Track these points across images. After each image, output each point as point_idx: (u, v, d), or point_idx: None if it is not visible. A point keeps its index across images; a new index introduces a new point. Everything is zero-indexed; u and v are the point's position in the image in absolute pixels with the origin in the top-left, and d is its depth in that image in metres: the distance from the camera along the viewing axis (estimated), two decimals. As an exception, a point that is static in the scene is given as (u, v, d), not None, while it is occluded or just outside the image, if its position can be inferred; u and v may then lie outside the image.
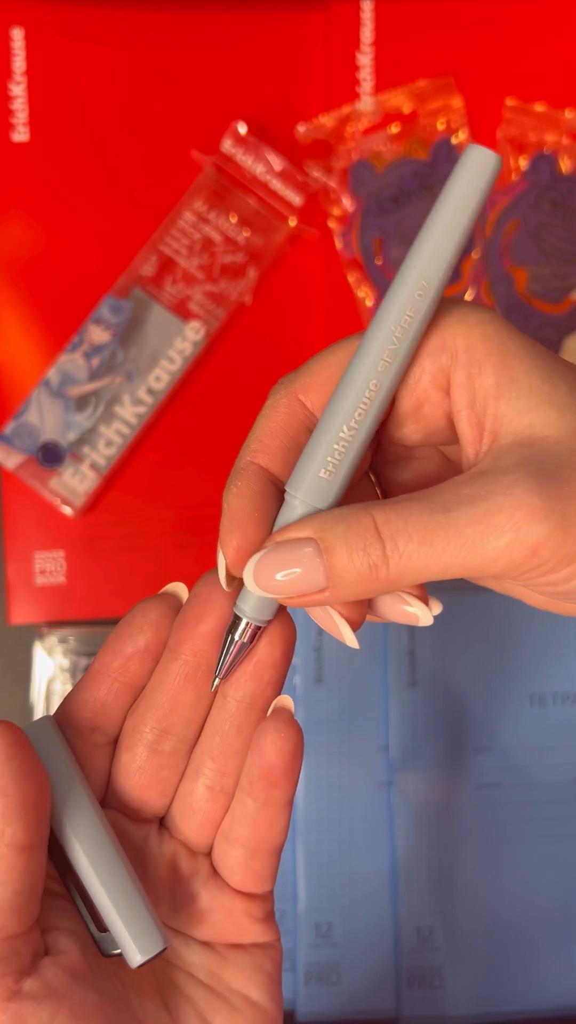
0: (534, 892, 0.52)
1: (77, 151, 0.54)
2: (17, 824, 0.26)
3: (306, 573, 0.25)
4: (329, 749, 0.52)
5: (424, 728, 0.52)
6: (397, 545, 0.24)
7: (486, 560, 0.24)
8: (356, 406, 0.26)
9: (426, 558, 0.24)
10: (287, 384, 0.28)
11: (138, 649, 0.30)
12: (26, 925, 0.26)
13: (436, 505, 0.24)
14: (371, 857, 0.51)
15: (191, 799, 0.30)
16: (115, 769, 0.30)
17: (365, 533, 0.25)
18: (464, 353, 0.26)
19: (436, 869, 0.51)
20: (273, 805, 0.29)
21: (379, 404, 0.26)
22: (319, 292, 0.55)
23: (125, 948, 0.28)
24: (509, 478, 0.24)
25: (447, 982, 0.50)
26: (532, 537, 0.24)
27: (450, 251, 0.26)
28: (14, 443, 0.53)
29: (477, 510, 0.24)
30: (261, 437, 0.28)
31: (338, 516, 0.25)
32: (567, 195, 0.54)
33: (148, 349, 0.53)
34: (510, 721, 0.53)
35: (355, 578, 0.25)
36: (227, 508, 0.27)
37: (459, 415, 0.27)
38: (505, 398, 0.25)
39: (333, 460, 0.26)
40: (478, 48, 0.54)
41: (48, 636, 0.54)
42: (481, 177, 0.26)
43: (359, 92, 0.54)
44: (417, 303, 0.26)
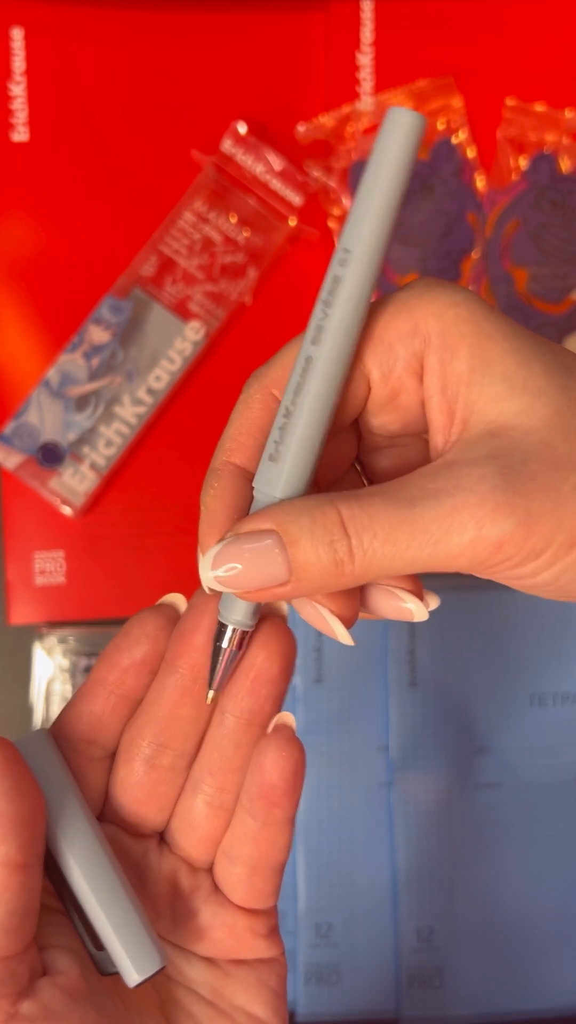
0: (534, 892, 0.51)
1: (77, 151, 0.54)
2: (11, 842, 0.25)
3: (266, 566, 0.24)
4: (329, 749, 0.52)
5: (424, 728, 0.52)
6: (363, 541, 0.24)
7: (450, 556, 0.24)
8: (293, 385, 0.25)
9: (391, 554, 0.24)
10: (259, 378, 0.27)
11: (135, 661, 0.29)
12: (22, 945, 0.26)
13: (401, 500, 0.24)
14: (371, 857, 0.51)
15: (190, 815, 0.30)
16: (112, 783, 0.30)
17: (331, 527, 0.24)
18: (437, 337, 0.25)
19: (436, 869, 0.51)
20: (274, 824, 0.29)
21: (318, 381, 0.25)
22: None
23: (122, 967, 0.27)
24: (476, 472, 0.24)
25: (447, 982, 0.50)
26: (496, 534, 0.23)
27: (371, 216, 0.24)
28: (14, 443, 0.53)
29: (442, 506, 0.23)
30: (235, 435, 0.27)
31: (302, 507, 0.24)
32: (567, 195, 0.54)
33: (148, 349, 0.53)
34: (510, 721, 0.53)
35: (319, 572, 0.24)
36: (204, 511, 0.26)
37: (430, 401, 0.26)
38: (477, 384, 0.24)
39: (275, 441, 0.25)
40: (478, 48, 0.54)
41: (48, 636, 0.54)
42: (396, 139, 0.23)
43: (359, 92, 0.54)
44: (342, 271, 0.24)
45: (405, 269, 0.54)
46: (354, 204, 0.24)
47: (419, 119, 0.23)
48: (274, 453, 0.25)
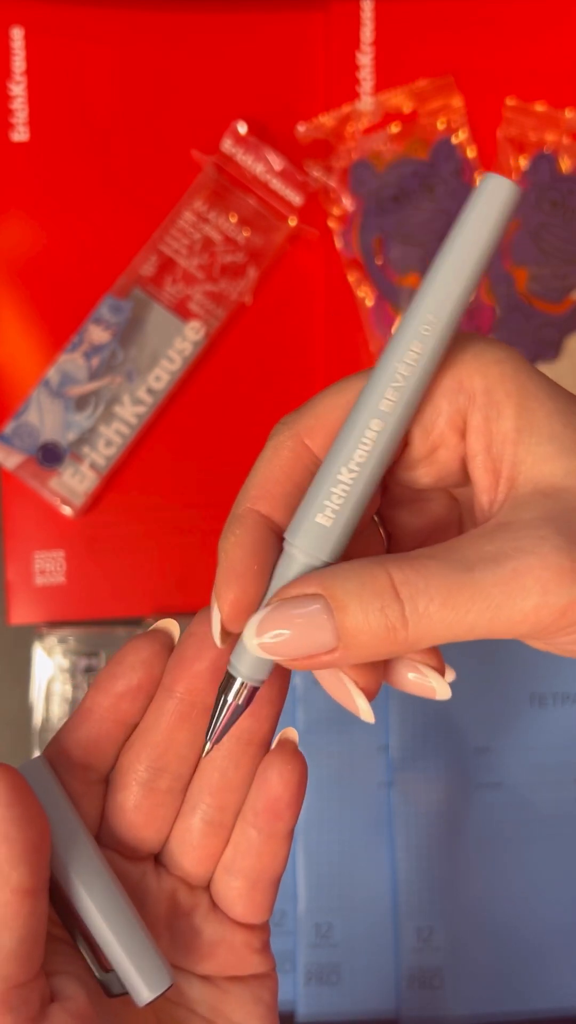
0: (534, 892, 0.51)
1: (77, 151, 0.54)
2: (21, 868, 0.25)
3: (314, 632, 0.24)
4: (329, 749, 0.52)
5: (424, 728, 0.52)
6: (417, 606, 0.23)
7: (513, 622, 0.23)
8: (356, 446, 0.24)
9: (449, 620, 0.23)
10: (290, 425, 0.26)
11: (130, 687, 0.29)
12: (33, 971, 0.26)
13: (457, 563, 0.23)
14: (371, 857, 0.51)
15: (189, 835, 0.30)
16: (109, 808, 0.30)
17: (382, 592, 0.23)
18: (482, 394, 0.24)
19: (436, 869, 0.51)
20: (276, 837, 0.29)
21: (384, 445, 0.24)
22: (319, 292, 0.55)
23: (132, 986, 0.28)
24: (535, 535, 0.23)
25: (447, 982, 0.50)
26: (562, 600, 0.22)
27: (460, 284, 0.24)
28: (14, 443, 0.53)
29: (503, 570, 0.23)
30: (261, 483, 0.26)
31: (349, 571, 0.24)
32: (567, 195, 0.54)
33: (148, 349, 0.53)
34: (510, 721, 0.53)
35: (370, 639, 0.23)
36: (224, 558, 0.25)
37: (474, 460, 0.25)
38: (524, 443, 0.24)
39: (332, 505, 0.24)
40: (478, 48, 0.54)
41: (48, 636, 0.54)
42: (495, 207, 0.24)
43: (359, 92, 0.54)
44: (425, 338, 0.24)
45: (405, 269, 0.54)
46: (441, 267, 0.24)
47: (515, 189, 0.24)
48: (327, 516, 0.24)
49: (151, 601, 0.54)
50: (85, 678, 0.54)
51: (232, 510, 0.26)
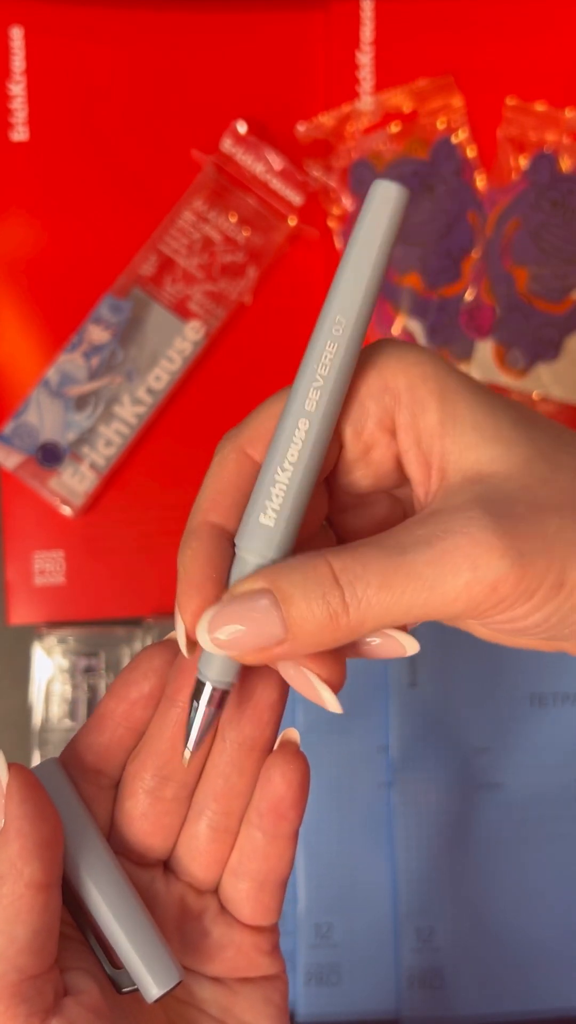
0: (534, 892, 0.51)
1: (76, 150, 0.54)
2: (35, 863, 0.26)
3: (262, 625, 0.25)
4: (329, 750, 0.52)
5: (424, 728, 0.52)
6: (356, 591, 0.24)
7: (446, 600, 0.24)
8: (288, 446, 0.26)
9: (386, 602, 0.24)
10: (232, 439, 0.28)
11: (143, 695, 0.30)
12: (47, 964, 0.27)
13: (392, 548, 0.24)
14: (371, 858, 0.51)
15: (196, 841, 0.30)
16: (118, 815, 0.30)
17: (323, 580, 0.24)
18: (406, 392, 0.26)
19: (436, 869, 0.51)
20: (282, 837, 0.30)
21: (313, 442, 0.26)
22: (319, 292, 0.55)
23: (142, 982, 0.28)
24: (464, 516, 0.24)
25: (448, 982, 0.50)
26: (492, 575, 0.23)
27: (363, 285, 0.26)
28: (14, 443, 0.53)
29: (434, 550, 0.24)
30: (211, 495, 0.27)
31: (293, 565, 0.25)
32: (567, 194, 0.54)
33: (148, 349, 0.53)
34: (510, 721, 0.52)
35: (315, 627, 0.24)
36: (183, 571, 0.26)
37: (406, 455, 0.27)
38: (450, 435, 0.25)
39: (272, 504, 0.26)
40: (478, 48, 0.54)
41: (47, 636, 0.54)
42: (385, 211, 0.26)
43: (359, 91, 0.54)
44: (337, 338, 0.26)
45: (405, 268, 0.54)
46: (342, 273, 0.26)
47: (402, 192, 0.26)
48: (269, 514, 0.26)
49: (151, 601, 0.54)
50: (85, 678, 0.54)
51: (187, 525, 0.27)
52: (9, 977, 0.26)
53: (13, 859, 0.26)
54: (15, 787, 0.26)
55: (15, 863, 0.26)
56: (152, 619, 0.54)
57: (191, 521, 0.27)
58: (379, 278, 0.26)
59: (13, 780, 0.26)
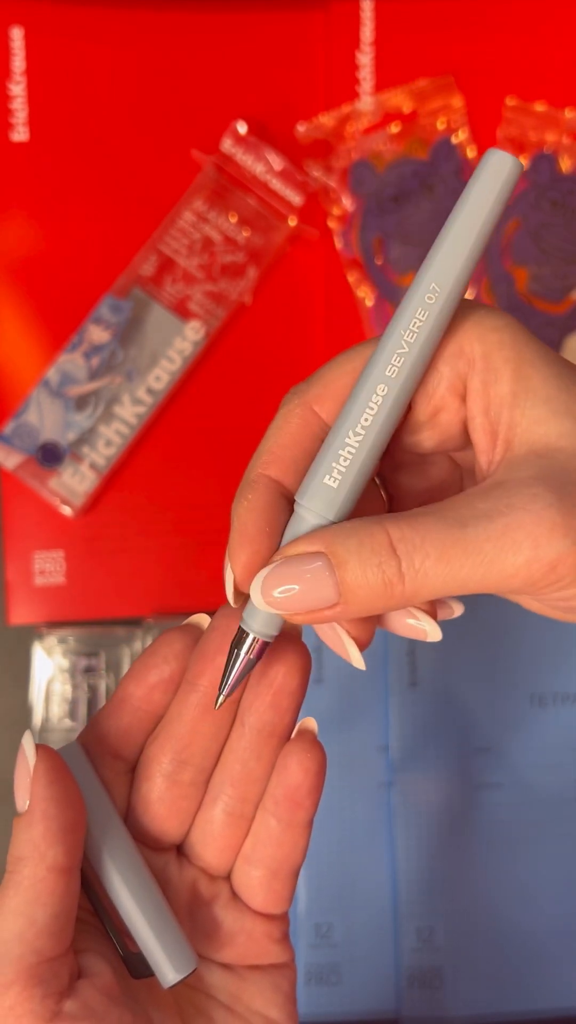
0: (534, 892, 0.51)
1: (77, 151, 0.54)
2: (58, 847, 0.26)
3: (316, 588, 0.24)
4: (329, 749, 0.51)
5: (424, 728, 0.52)
6: (413, 562, 0.24)
7: (504, 576, 0.24)
8: (363, 411, 0.25)
9: (443, 575, 0.24)
10: (299, 394, 0.27)
11: (163, 679, 0.30)
12: (64, 947, 0.27)
13: (452, 520, 0.24)
14: (371, 857, 0.51)
15: (211, 826, 0.30)
16: (134, 799, 0.30)
17: (380, 549, 0.24)
18: (481, 359, 0.25)
19: (436, 869, 0.51)
20: (296, 826, 0.30)
21: (388, 410, 0.25)
22: (319, 292, 0.55)
23: (160, 967, 0.28)
24: (528, 492, 0.24)
25: (448, 982, 0.50)
26: (552, 553, 0.23)
27: (463, 255, 0.25)
28: (14, 443, 0.53)
29: (495, 526, 0.23)
30: (272, 448, 0.27)
31: (350, 529, 0.25)
32: (567, 195, 0.54)
33: (148, 349, 0.53)
34: (510, 721, 0.52)
35: (368, 594, 0.24)
36: (236, 522, 0.26)
37: (473, 422, 0.26)
38: (520, 407, 0.25)
39: (339, 467, 0.25)
40: (478, 48, 0.54)
41: (47, 636, 0.54)
42: (497, 181, 0.25)
43: (359, 91, 0.54)
44: (429, 307, 0.25)
45: (405, 268, 0.54)
46: (445, 239, 0.25)
47: (516, 164, 0.25)
48: (335, 477, 0.25)
49: (151, 601, 0.54)
50: (85, 678, 0.54)
51: (244, 476, 0.27)
52: (27, 959, 0.26)
53: (37, 841, 0.26)
54: (42, 770, 0.26)
55: (38, 845, 0.26)
56: (152, 619, 0.54)
57: (248, 472, 0.27)
58: (480, 250, 0.25)
59: (40, 763, 0.27)
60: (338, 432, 0.26)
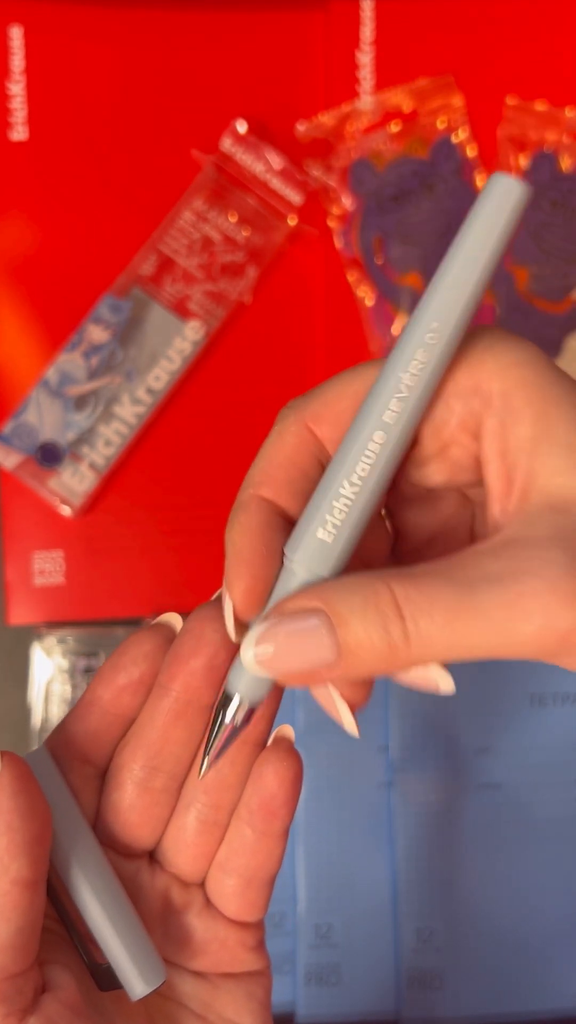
0: (534, 892, 0.51)
1: (76, 150, 0.54)
2: (22, 860, 0.25)
3: (313, 648, 0.23)
4: (329, 749, 0.52)
5: (424, 728, 0.52)
6: (419, 625, 0.22)
7: (514, 644, 0.22)
8: (358, 460, 0.23)
9: (450, 640, 0.22)
10: (297, 410, 0.25)
11: (132, 681, 0.29)
12: (28, 962, 0.26)
13: (461, 583, 0.22)
14: (371, 858, 0.51)
15: (183, 833, 0.30)
16: (104, 806, 0.29)
17: (384, 609, 0.22)
18: (499, 398, 0.23)
19: (436, 870, 0.51)
20: (271, 835, 0.29)
21: (387, 457, 0.23)
22: (319, 291, 0.55)
23: (127, 979, 0.27)
24: (542, 556, 0.22)
25: (447, 983, 0.50)
26: (564, 625, 0.22)
27: (467, 291, 0.23)
28: (13, 443, 0.53)
29: (507, 592, 0.22)
30: (266, 468, 0.25)
31: (352, 586, 0.23)
32: (568, 194, 0.54)
33: (147, 349, 0.53)
34: (510, 721, 0.52)
35: (371, 656, 0.23)
36: (231, 547, 0.25)
37: (488, 466, 0.24)
38: (541, 454, 0.23)
39: (333, 520, 0.24)
40: (478, 47, 0.54)
41: (47, 637, 0.54)
42: (504, 210, 0.22)
43: (359, 91, 0.54)
44: (430, 347, 0.23)
45: (405, 268, 0.54)
46: (446, 272, 0.23)
47: (523, 190, 0.22)
48: (329, 531, 0.24)
49: (151, 601, 0.54)
50: (84, 678, 0.54)
51: (237, 498, 0.25)
52: None
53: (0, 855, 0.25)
54: (7, 779, 0.25)
55: (2, 859, 0.25)
56: (152, 619, 0.54)
57: (241, 494, 0.25)
58: (485, 283, 0.23)
59: (6, 772, 0.25)
60: (332, 481, 0.24)
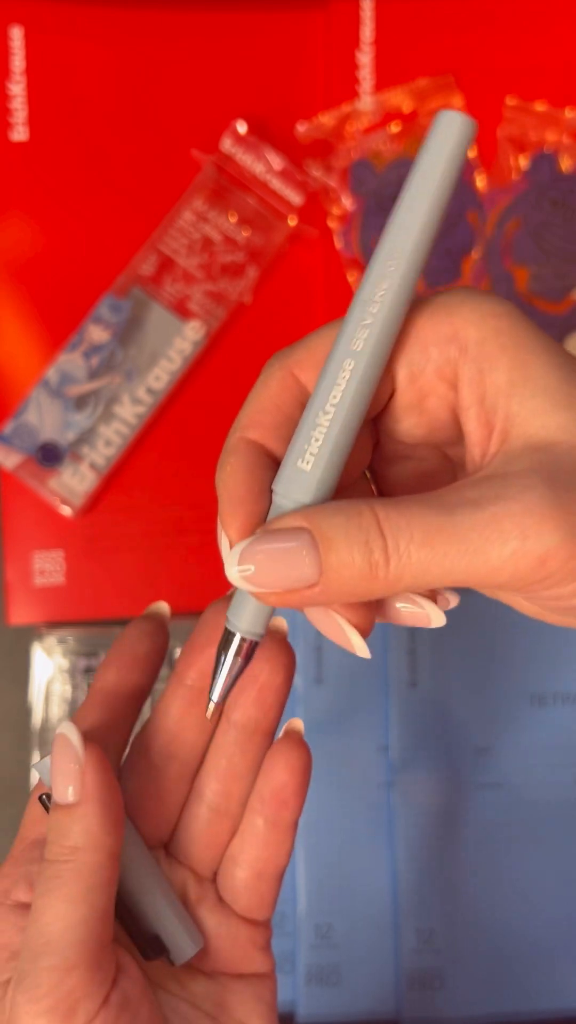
0: (534, 892, 0.51)
1: (76, 150, 0.54)
2: (115, 834, 0.27)
3: (296, 565, 0.23)
4: (329, 749, 0.52)
5: (424, 728, 0.52)
6: (399, 544, 0.23)
7: (490, 568, 0.22)
8: (331, 388, 0.24)
9: (427, 560, 0.22)
10: (281, 358, 0.26)
11: (137, 657, 0.30)
12: (112, 933, 0.27)
13: (439, 506, 0.23)
14: (371, 858, 0.51)
15: (196, 822, 0.31)
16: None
17: (368, 527, 0.23)
18: (476, 346, 0.24)
19: (436, 870, 0.51)
20: (281, 826, 0.30)
21: (357, 384, 0.24)
22: (319, 291, 0.55)
23: (176, 944, 0.29)
24: (521, 483, 0.23)
25: (448, 983, 0.50)
26: (541, 547, 0.22)
27: (419, 220, 0.24)
28: (13, 443, 0.53)
29: (483, 514, 0.22)
30: (251, 413, 0.26)
31: (335, 508, 0.23)
32: (568, 194, 0.54)
33: (147, 348, 0.53)
34: (510, 721, 0.52)
35: (352, 575, 0.23)
36: (222, 488, 0.25)
37: (466, 412, 0.25)
38: (518, 397, 0.24)
39: (311, 449, 0.24)
40: (478, 47, 0.54)
41: (47, 637, 0.54)
42: (448, 141, 0.24)
43: (359, 91, 0.54)
44: (390, 275, 0.24)
45: (405, 268, 0.54)
46: (399, 210, 0.24)
47: (471, 124, 0.24)
48: (307, 459, 0.24)
49: (151, 601, 0.54)
50: (85, 678, 0.54)
51: (225, 442, 0.26)
52: (89, 944, 0.26)
53: (95, 830, 0.26)
54: (93, 759, 0.27)
55: (96, 834, 0.26)
56: (152, 619, 0.54)
57: (229, 439, 0.26)
58: (438, 215, 0.24)
59: (89, 756, 0.27)
60: (308, 413, 0.25)
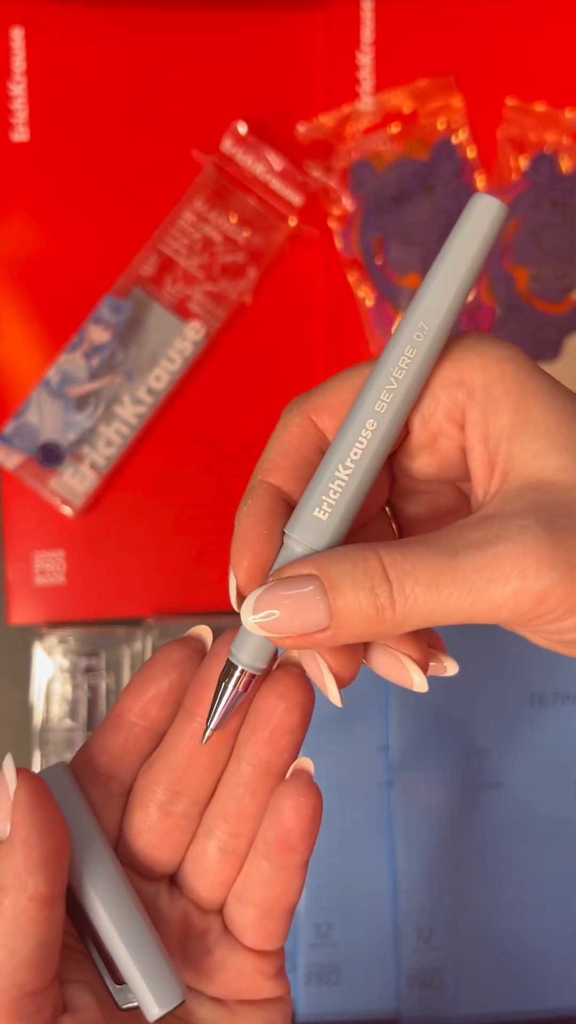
0: (534, 892, 0.51)
1: (77, 151, 0.54)
2: (39, 875, 0.25)
3: (307, 611, 0.24)
4: (329, 749, 0.52)
5: (424, 728, 0.52)
6: (404, 587, 0.24)
7: (492, 606, 0.24)
8: (352, 445, 0.26)
9: (432, 602, 0.24)
10: (300, 404, 0.28)
11: (160, 692, 0.29)
12: (47, 979, 0.26)
13: (443, 549, 0.24)
14: (371, 857, 0.51)
15: (203, 860, 0.30)
16: (126, 826, 0.30)
17: (373, 573, 0.24)
18: (481, 390, 0.25)
19: (436, 869, 0.51)
20: (289, 868, 0.29)
21: (378, 444, 0.26)
22: (319, 292, 0.55)
23: (143, 1001, 0.27)
24: (518, 524, 0.24)
25: (448, 982, 0.50)
26: (539, 585, 0.23)
27: (450, 295, 0.26)
28: (14, 443, 0.53)
29: (484, 555, 0.23)
30: (272, 456, 0.27)
31: (342, 554, 0.25)
32: (567, 195, 0.54)
33: (148, 349, 0.53)
34: (510, 721, 0.52)
35: (360, 618, 0.24)
36: (237, 528, 0.27)
37: (471, 452, 0.26)
38: (519, 439, 0.25)
39: (328, 500, 0.26)
40: (478, 48, 0.54)
41: (48, 636, 0.54)
42: (482, 225, 0.26)
43: (359, 92, 0.54)
44: (417, 344, 0.26)
45: (405, 268, 0.54)
46: (432, 279, 0.26)
47: (501, 208, 0.26)
48: (324, 510, 0.26)
49: (151, 601, 0.54)
50: (85, 678, 0.54)
51: (248, 484, 0.27)
52: (8, 993, 0.25)
53: (18, 870, 0.25)
54: (23, 795, 0.26)
55: (19, 874, 0.25)
56: (152, 619, 0.54)
57: (251, 480, 0.27)
58: (467, 290, 0.26)
59: (22, 788, 0.26)
60: (328, 465, 0.26)
